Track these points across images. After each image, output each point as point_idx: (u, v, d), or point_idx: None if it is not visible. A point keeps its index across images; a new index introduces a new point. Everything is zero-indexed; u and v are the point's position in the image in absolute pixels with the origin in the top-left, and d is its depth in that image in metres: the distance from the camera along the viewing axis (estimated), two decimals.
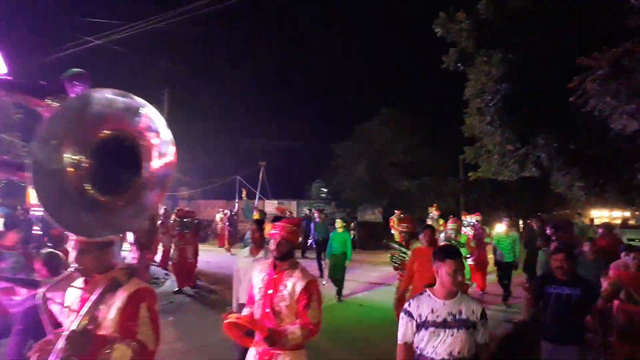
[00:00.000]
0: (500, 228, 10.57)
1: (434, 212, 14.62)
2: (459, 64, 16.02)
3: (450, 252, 3.00)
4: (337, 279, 10.12)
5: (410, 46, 33.42)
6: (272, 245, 3.30)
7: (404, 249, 6.79)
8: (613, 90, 11.64)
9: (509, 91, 14.81)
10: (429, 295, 2.99)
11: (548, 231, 7.58)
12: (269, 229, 3.69)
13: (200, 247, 12.00)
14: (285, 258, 3.28)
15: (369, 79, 31.38)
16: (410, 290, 5.60)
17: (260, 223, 5.30)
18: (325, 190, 28.99)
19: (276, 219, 3.90)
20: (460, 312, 2.87)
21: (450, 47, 16.01)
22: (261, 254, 4.94)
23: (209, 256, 14.79)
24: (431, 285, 3.08)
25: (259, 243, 5.09)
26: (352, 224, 20.18)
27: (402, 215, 13.61)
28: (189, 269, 10.85)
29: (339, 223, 10.81)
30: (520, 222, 23.17)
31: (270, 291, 3.20)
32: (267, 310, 3.18)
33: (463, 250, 7.54)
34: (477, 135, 16.64)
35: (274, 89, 33.52)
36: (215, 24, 32.87)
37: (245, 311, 3.40)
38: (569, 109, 13.58)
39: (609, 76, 11.78)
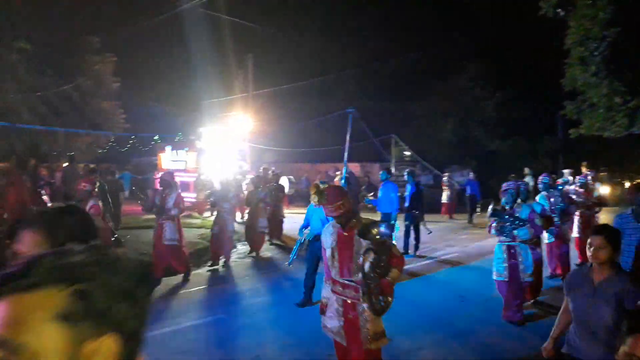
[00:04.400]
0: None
1: (586, 172, 10.61)
2: (559, 9, 14.56)
3: None
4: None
5: None
6: None
7: (511, 218, 6.00)
8: None
9: (617, 36, 13.25)
10: None
11: None
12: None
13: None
14: None
15: (453, 30, 29.43)
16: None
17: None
18: (407, 153, 28.23)
19: None
20: None
21: None
22: None
23: None
24: None
25: None
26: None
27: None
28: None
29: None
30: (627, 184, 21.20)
31: None
32: None
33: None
34: (579, 88, 15.23)
35: (351, 46, 32.25)
36: None
37: None
38: None
39: None
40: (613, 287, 3.01)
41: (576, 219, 8.89)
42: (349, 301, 3.65)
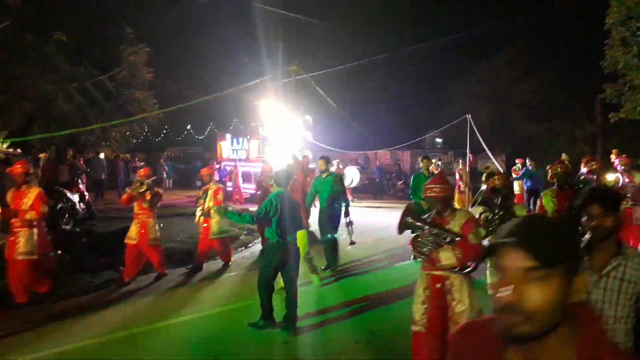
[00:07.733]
0: None
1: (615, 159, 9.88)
2: None
3: None
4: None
5: None
6: None
7: (437, 230, 3.69)
8: None
9: None
10: None
11: None
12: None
13: None
14: None
15: (488, 11, 28.49)
16: None
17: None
18: (439, 140, 27.64)
19: None
20: None
21: None
22: None
23: None
24: None
25: None
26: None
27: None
28: None
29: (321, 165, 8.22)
30: None
31: None
32: None
33: None
34: (620, 70, 14.66)
35: (382, 31, 31.40)
36: None
37: None
38: None
39: None
40: None
41: None
42: None
